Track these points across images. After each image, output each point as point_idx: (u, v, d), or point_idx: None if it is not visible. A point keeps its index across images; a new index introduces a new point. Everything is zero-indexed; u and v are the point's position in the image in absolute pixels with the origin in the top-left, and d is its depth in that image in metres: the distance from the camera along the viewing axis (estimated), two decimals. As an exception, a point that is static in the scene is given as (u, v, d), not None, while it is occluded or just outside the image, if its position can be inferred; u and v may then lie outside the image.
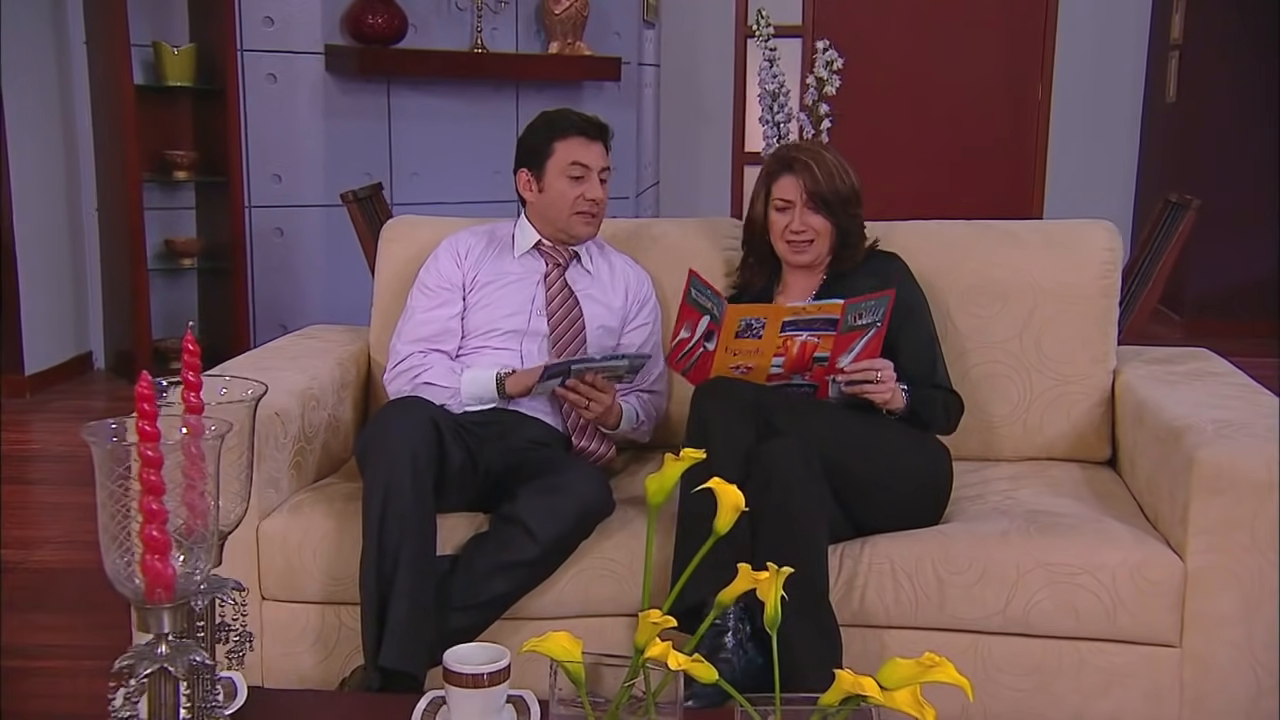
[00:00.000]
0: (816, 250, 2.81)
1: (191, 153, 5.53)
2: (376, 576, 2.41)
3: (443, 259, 2.92)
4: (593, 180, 2.84)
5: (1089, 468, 2.95)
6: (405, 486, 2.41)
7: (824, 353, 2.57)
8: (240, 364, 2.94)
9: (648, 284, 3.01)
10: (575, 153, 2.83)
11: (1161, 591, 2.41)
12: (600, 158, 2.86)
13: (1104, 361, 2.98)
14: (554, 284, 2.88)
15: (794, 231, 2.79)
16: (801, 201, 2.78)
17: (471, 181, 6.12)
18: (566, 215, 2.85)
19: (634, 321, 2.97)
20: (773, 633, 1.50)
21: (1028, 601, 2.44)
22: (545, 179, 2.85)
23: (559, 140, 2.84)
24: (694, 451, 1.57)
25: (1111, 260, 3.01)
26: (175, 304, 5.73)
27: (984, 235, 3.07)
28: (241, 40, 5.55)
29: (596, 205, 2.86)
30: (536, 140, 2.87)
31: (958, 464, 2.90)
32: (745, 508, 2.36)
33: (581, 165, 2.83)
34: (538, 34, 6.25)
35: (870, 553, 2.50)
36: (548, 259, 2.91)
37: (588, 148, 2.84)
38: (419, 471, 2.43)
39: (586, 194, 2.84)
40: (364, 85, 5.85)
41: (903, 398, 2.64)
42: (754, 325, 2.55)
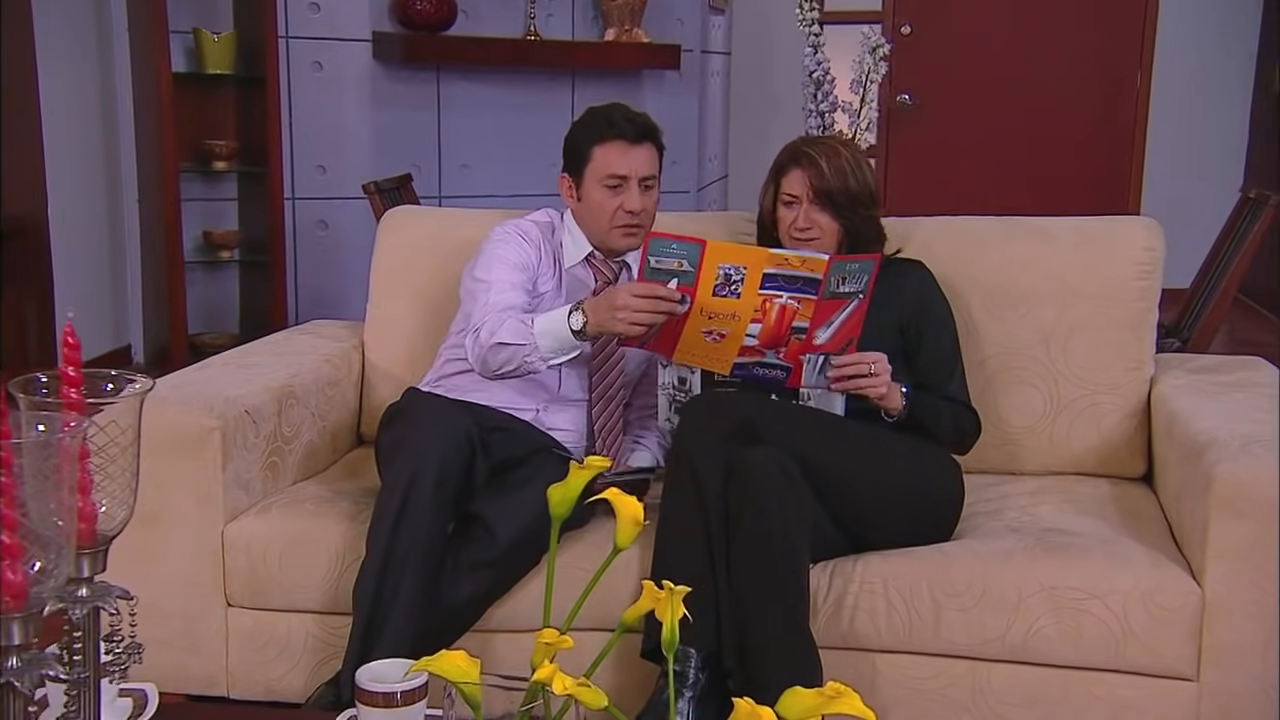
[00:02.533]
0: (820, 249, 2.74)
1: (232, 142, 5.58)
2: (376, 587, 2.36)
3: (515, 242, 2.76)
4: (631, 190, 2.70)
5: (1120, 484, 2.85)
6: (427, 498, 2.35)
7: (803, 321, 2.46)
8: (224, 359, 2.95)
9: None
10: (613, 161, 2.69)
11: (1176, 620, 2.31)
12: (644, 164, 2.72)
13: (1139, 369, 2.87)
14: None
15: (798, 228, 2.72)
16: (808, 198, 2.72)
17: (524, 175, 6.10)
18: (606, 228, 2.73)
19: None
20: (668, 655, 1.45)
21: (1029, 627, 2.35)
22: (584, 187, 2.73)
23: (597, 145, 2.71)
24: (598, 459, 1.52)
25: (1150, 260, 2.90)
26: (215, 298, 5.79)
27: (1011, 231, 2.98)
28: (286, 27, 5.59)
29: (635, 217, 2.71)
30: (577, 143, 2.75)
31: (978, 477, 2.84)
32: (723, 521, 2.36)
33: (618, 176, 2.70)
34: (594, 20, 6.22)
35: (863, 571, 2.43)
36: (597, 274, 2.79)
37: (627, 154, 2.70)
38: (443, 483, 2.38)
39: (625, 205, 2.70)
40: (412, 73, 5.86)
41: (900, 396, 2.56)
42: (733, 277, 2.43)
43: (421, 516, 2.36)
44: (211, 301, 5.78)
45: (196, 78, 5.48)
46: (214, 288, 5.81)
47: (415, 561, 2.35)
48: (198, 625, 2.56)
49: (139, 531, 2.51)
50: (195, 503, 2.53)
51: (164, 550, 2.54)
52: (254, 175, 5.59)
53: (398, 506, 2.37)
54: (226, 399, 2.58)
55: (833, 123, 4.24)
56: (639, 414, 2.87)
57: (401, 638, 2.32)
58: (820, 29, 4.34)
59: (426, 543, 2.37)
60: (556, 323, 2.50)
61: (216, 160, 5.53)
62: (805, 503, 2.37)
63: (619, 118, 2.72)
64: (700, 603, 2.32)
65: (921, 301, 2.74)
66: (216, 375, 2.78)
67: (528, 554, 2.46)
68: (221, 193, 5.77)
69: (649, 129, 2.74)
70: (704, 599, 2.32)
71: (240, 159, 5.64)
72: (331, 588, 2.53)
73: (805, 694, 1.36)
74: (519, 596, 2.52)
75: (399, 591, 2.35)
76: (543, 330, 2.51)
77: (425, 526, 2.37)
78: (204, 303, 5.73)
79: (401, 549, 2.36)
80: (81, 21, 5.47)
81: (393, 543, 2.36)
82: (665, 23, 6.34)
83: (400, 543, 2.36)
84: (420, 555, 2.36)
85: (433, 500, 2.37)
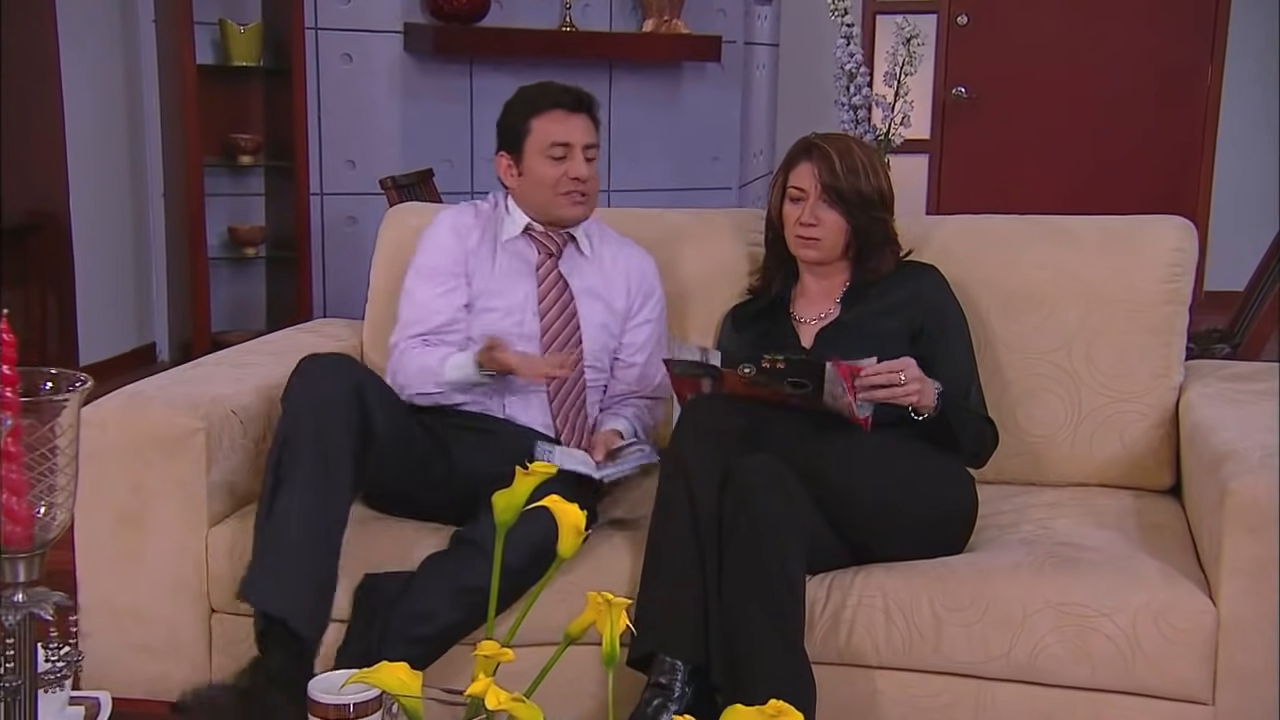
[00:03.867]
0: (825, 249, 2.72)
1: (258, 136, 5.63)
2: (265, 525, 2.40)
3: (443, 238, 2.83)
4: (577, 158, 2.76)
5: (1146, 496, 2.80)
6: (308, 441, 2.37)
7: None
8: (218, 358, 2.98)
9: (652, 272, 2.92)
10: (555, 130, 2.75)
11: (1189, 640, 2.27)
12: (585, 132, 2.78)
13: (1166, 376, 2.82)
14: (546, 277, 2.81)
15: (803, 223, 2.70)
16: (816, 193, 2.70)
17: (560, 169, 6.12)
18: (551, 198, 2.77)
19: (637, 318, 2.89)
20: (609, 670, 1.44)
21: (1034, 645, 2.32)
22: (525, 161, 2.78)
23: (535, 117, 2.77)
24: (545, 465, 1.51)
25: (1180, 262, 2.85)
26: (242, 294, 5.85)
27: (1033, 231, 2.94)
28: (316, 18, 5.64)
29: (583, 184, 2.77)
30: (512, 119, 2.81)
31: (997, 488, 2.81)
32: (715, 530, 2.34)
33: (562, 145, 2.75)
34: (633, 11, 6.22)
35: (862, 584, 2.41)
36: (539, 246, 2.83)
37: (568, 122, 2.76)
38: (325, 424, 2.39)
39: (570, 172, 2.75)
40: (444, 66, 5.89)
41: (934, 394, 2.51)
42: (760, 381, 2.48)
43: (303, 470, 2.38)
44: (238, 298, 5.84)
45: (222, 70, 5.55)
46: (241, 284, 5.86)
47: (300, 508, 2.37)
48: (180, 631, 2.58)
49: (120, 534, 2.56)
50: (178, 505, 2.54)
51: (146, 554, 2.56)
52: (281, 170, 5.65)
53: (274, 466, 2.40)
54: (213, 399, 2.60)
55: (866, 116, 4.20)
56: (616, 401, 2.88)
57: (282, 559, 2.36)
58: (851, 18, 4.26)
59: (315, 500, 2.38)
60: (462, 366, 2.67)
61: (242, 154, 5.59)
62: (801, 512, 2.34)
63: (555, 89, 2.80)
64: (690, 614, 2.32)
65: (934, 308, 2.72)
66: (207, 374, 2.80)
67: (521, 585, 2.42)
68: (248, 188, 5.82)
69: (587, 99, 2.81)
70: (694, 610, 2.31)
71: (267, 153, 5.70)
72: (317, 594, 2.53)
73: (746, 712, 1.34)
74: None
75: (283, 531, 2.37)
76: (451, 381, 2.69)
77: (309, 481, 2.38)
78: (230, 300, 5.79)
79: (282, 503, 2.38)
80: (106, 12, 5.54)
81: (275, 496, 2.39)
82: (707, 13, 6.33)
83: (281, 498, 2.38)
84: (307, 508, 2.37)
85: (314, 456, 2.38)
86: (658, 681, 2.30)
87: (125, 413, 2.57)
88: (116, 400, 2.61)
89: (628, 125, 6.25)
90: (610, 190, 6.29)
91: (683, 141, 6.37)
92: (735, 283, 2.99)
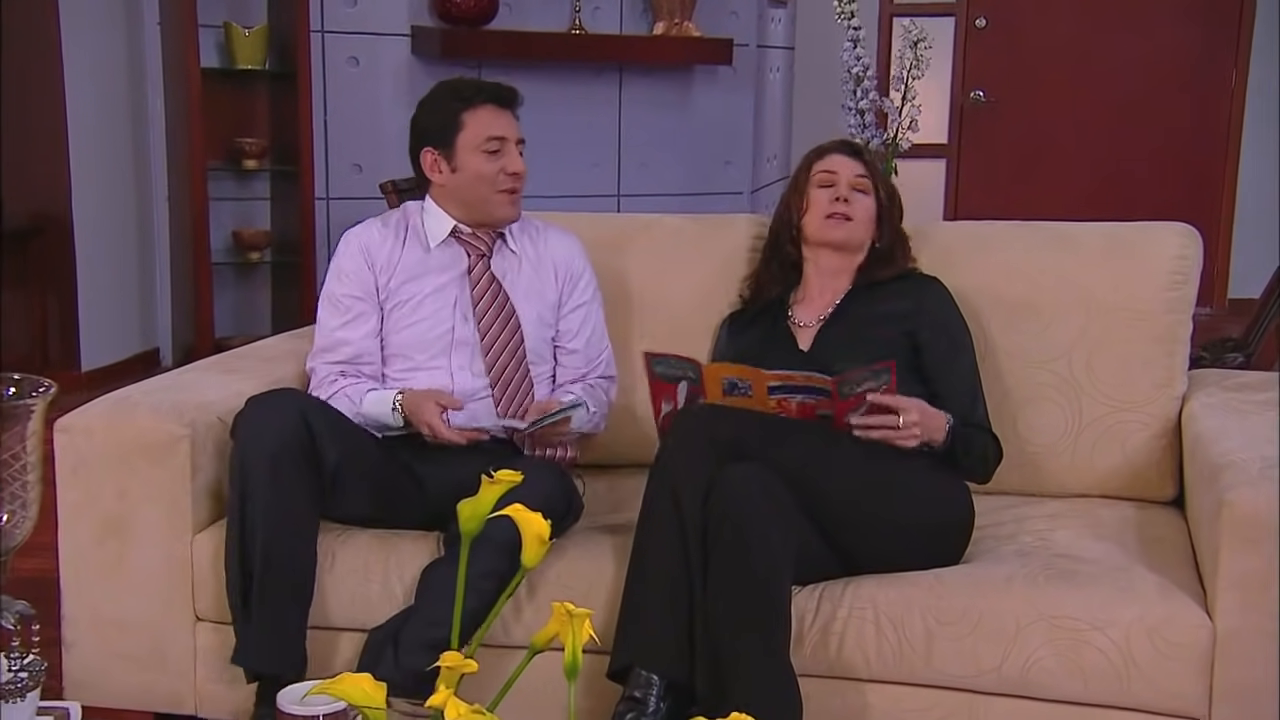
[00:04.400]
0: (854, 231, 2.76)
1: (263, 140, 5.65)
2: (242, 587, 2.45)
3: (347, 262, 2.80)
4: (512, 152, 2.75)
5: (1148, 508, 2.79)
6: (264, 491, 2.41)
7: (826, 410, 2.47)
8: (207, 364, 2.99)
9: (578, 255, 2.89)
10: (489, 124, 2.74)
11: (1184, 655, 2.26)
12: (515, 128, 2.78)
13: (1168, 386, 2.81)
14: (479, 280, 2.77)
15: (837, 200, 2.75)
16: (849, 178, 2.78)
17: (568, 174, 6.11)
18: (489, 195, 2.75)
19: (569, 303, 2.87)
20: (570, 682, 1.44)
21: (1027, 659, 2.31)
22: (457, 157, 2.75)
23: (467, 111, 2.74)
24: (510, 473, 1.51)
25: (1183, 270, 2.84)
26: (247, 300, 5.87)
27: (1032, 238, 2.94)
28: (322, 22, 5.66)
29: (519, 180, 2.77)
30: (440, 114, 2.77)
31: (995, 498, 2.80)
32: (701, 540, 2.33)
33: (498, 139, 2.73)
34: (644, 14, 6.22)
35: (853, 595, 2.40)
36: (468, 248, 2.80)
37: (500, 117, 2.75)
38: (279, 472, 2.42)
39: (508, 167, 2.74)
40: (452, 69, 5.84)
41: (944, 429, 2.52)
42: (739, 385, 2.47)
43: (266, 508, 2.42)
44: (243, 303, 5.86)
45: (227, 73, 5.57)
46: (245, 289, 5.88)
47: (274, 551, 2.42)
48: (165, 641, 2.59)
49: (105, 542, 2.57)
50: (163, 512, 2.55)
51: (130, 562, 2.57)
52: (286, 174, 5.67)
53: (239, 505, 2.44)
54: (199, 405, 2.61)
55: (873, 121, 4.20)
56: (566, 384, 2.87)
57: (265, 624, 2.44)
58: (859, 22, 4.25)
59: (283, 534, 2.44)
60: (381, 406, 2.67)
61: (247, 158, 5.61)
62: (788, 521, 2.33)
63: (483, 84, 2.80)
64: (670, 626, 2.31)
65: (939, 322, 2.72)
66: (195, 381, 2.81)
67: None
68: (253, 192, 5.85)
69: (515, 95, 2.81)
70: (675, 622, 2.30)
71: (272, 157, 5.71)
72: (304, 603, 2.54)
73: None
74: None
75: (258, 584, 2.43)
76: (369, 415, 2.68)
77: (273, 519, 2.42)
78: (235, 304, 5.81)
79: (251, 546, 2.43)
80: (110, 14, 5.57)
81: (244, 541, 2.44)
82: (719, 16, 6.32)
83: (250, 540, 2.43)
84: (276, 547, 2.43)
85: (274, 496, 2.42)
86: (632, 695, 2.30)
87: (110, 419, 2.58)
88: (102, 406, 2.63)
89: (638, 129, 6.26)
90: (620, 195, 6.30)
91: (694, 146, 6.37)
92: (732, 291, 3.00)
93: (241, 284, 5.87)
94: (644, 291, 3.06)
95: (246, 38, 5.51)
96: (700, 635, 2.30)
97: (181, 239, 5.61)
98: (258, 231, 5.72)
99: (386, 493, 2.61)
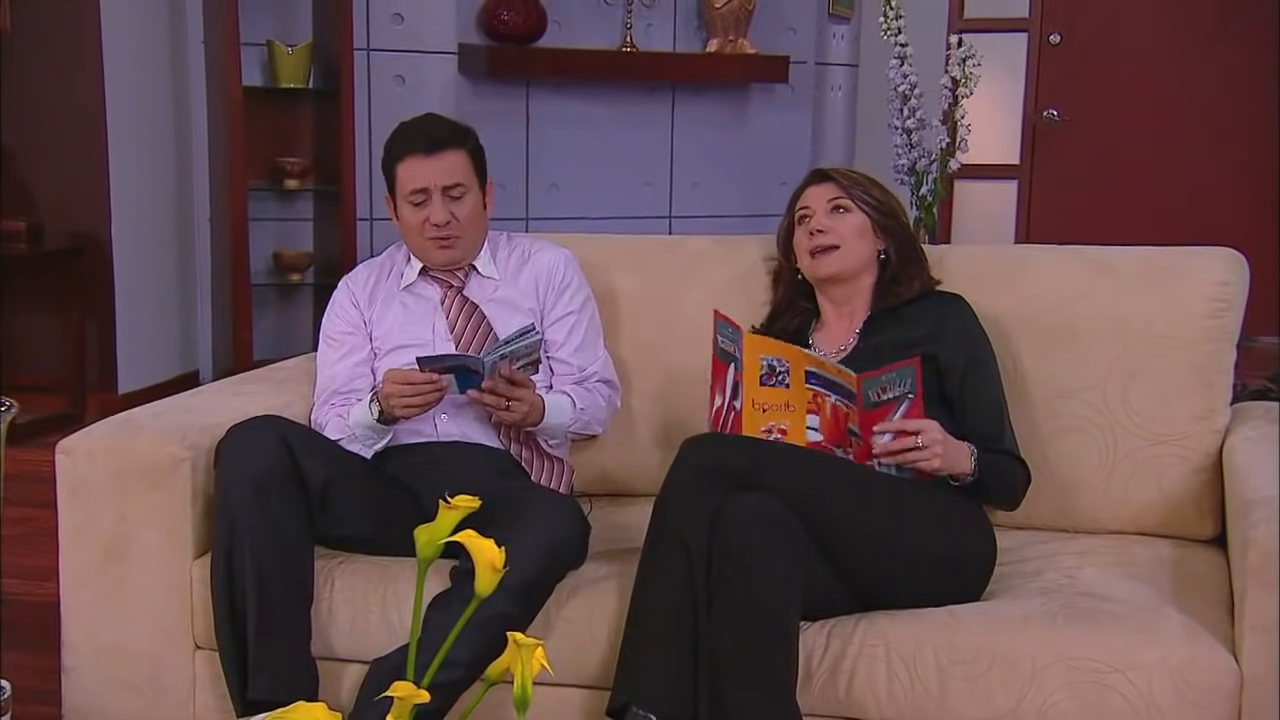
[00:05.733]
0: (845, 258, 2.73)
1: (305, 160, 5.73)
2: (230, 619, 2.49)
3: (339, 303, 2.96)
4: (434, 202, 2.79)
5: (1187, 546, 2.75)
6: (250, 517, 2.46)
7: (854, 425, 2.47)
8: (219, 386, 3.03)
9: (564, 265, 2.94)
10: (411, 177, 2.81)
11: (1209, 701, 2.22)
12: (443, 173, 2.80)
13: (1209, 418, 2.77)
14: (452, 305, 2.87)
15: (812, 233, 2.75)
16: (823, 208, 2.77)
17: (618, 195, 6.16)
18: (420, 243, 2.85)
19: (554, 312, 2.92)
20: (520, 714, 1.45)
21: (1043, 702, 2.28)
22: (398, 207, 2.87)
23: (398, 163, 2.84)
24: (468, 499, 1.52)
25: (1227, 296, 2.80)
26: (288, 320, 5.94)
27: (1067, 262, 2.91)
28: (368, 39, 5.73)
29: (444, 229, 2.81)
30: (385, 164, 2.89)
31: (1026, 533, 2.79)
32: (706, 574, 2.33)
33: (419, 190, 2.80)
34: (697, 31, 6.25)
35: (864, 632, 2.38)
36: (442, 285, 2.90)
37: (425, 166, 2.79)
38: (265, 497, 2.48)
39: (431, 218, 2.80)
40: (499, 88, 5.95)
41: (970, 460, 2.51)
42: (777, 369, 2.49)
43: (253, 537, 2.46)
44: (284, 325, 5.93)
45: (269, 92, 5.66)
46: (287, 310, 5.96)
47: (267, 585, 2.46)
48: (163, 668, 2.62)
49: (106, 567, 2.61)
50: (162, 537, 2.59)
51: (130, 587, 2.61)
52: (328, 194, 5.74)
53: (226, 538, 2.48)
54: (202, 428, 2.64)
55: (920, 140, 4.18)
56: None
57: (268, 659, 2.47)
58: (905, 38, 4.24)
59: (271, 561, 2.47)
60: (361, 413, 2.74)
61: (288, 178, 5.69)
62: (796, 553, 2.31)
63: (414, 131, 2.83)
64: (670, 664, 2.30)
65: (961, 343, 2.69)
66: (204, 403, 2.85)
67: (536, 601, 2.47)
68: (296, 212, 5.93)
69: (447, 136, 2.83)
70: (676, 660, 2.29)
71: (315, 177, 5.79)
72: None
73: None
74: (553, 649, 2.50)
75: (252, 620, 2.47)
76: (355, 422, 2.75)
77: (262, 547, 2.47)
78: (276, 326, 5.89)
79: (239, 576, 2.47)
80: (154, 31, 5.68)
81: (231, 569, 2.48)
82: (776, 33, 6.34)
83: (238, 568, 2.47)
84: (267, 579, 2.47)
85: (260, 522, 2.47)
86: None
87: (111, 441, 2.63)
88: (104, 428, 2.68)
89: (691, 149, 6.29)
90: (673, 217, 6.32)
91: (749, 166, 6.38)
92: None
93: (283, 305, 5.95)
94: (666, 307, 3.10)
95: (289, 56, 5.59)
96: (704, 674, 2.29)
97: (222, 260, 5.70)
98: (299, 252, 5.80)
99: (382, 509, 2.64)
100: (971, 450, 2.52)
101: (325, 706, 1.50)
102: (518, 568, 2.40)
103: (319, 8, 5.75)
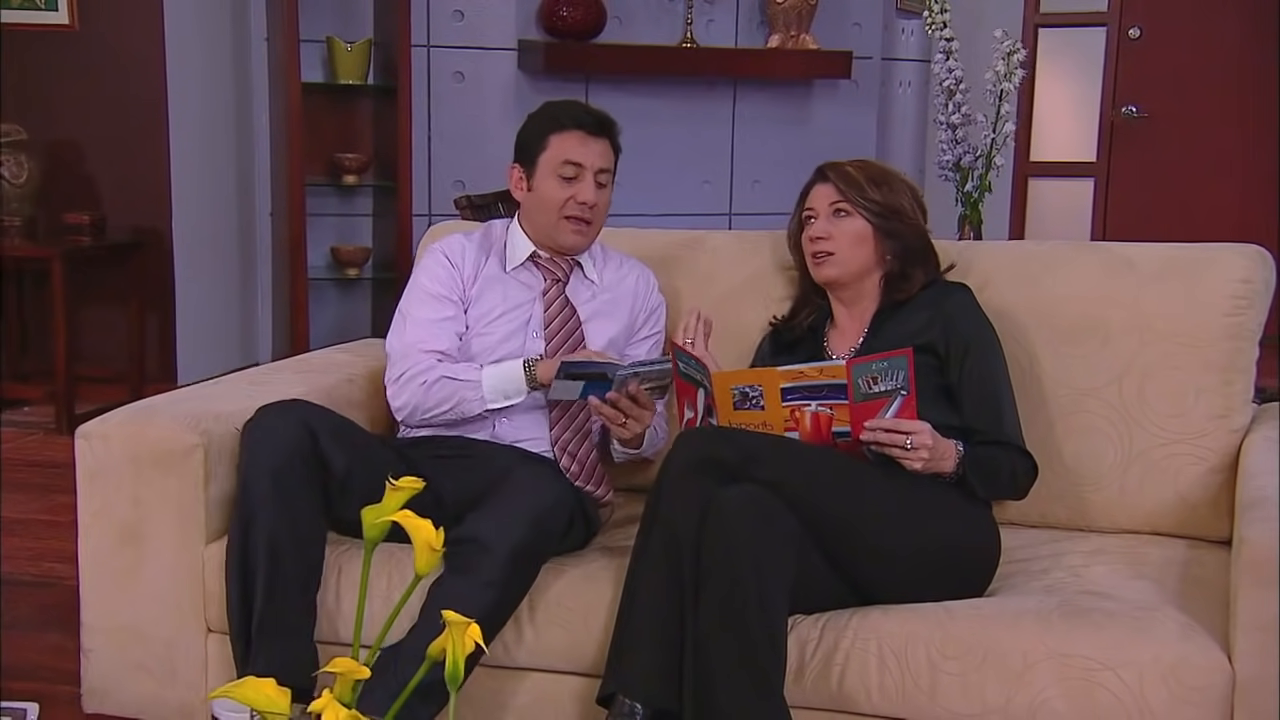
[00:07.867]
0: (841, 264, 2.75)
1: (363, 156, 5.84)
2: (242, 602, 2.54)
3: (440, 265, 2.93)
4: (586, 181, 2.84)
5: (1200, 547, 2.74)
6: (267, 500, 2.51)
7: (842, 426, 2.48)
8: (239, 375, 3.12)
9: (654, 287, 3.02)
10: (570, 149, 2.84)
11: (1201, 700, 2.23)
12: (601, 156, 2.86)
13: (1227, 418, 2.76)
14: (553, 302, 2.90)
15: (813, 239, 2.77)
16: (826, 211, 2.78)
17: (678, 192, 6.19)
18: (554, 220, 2.86)
19: (641, 333, 2.98)
20: (453, 691, 1.50)
21: (1034, 698, 2.30)
22: (536, 177, 2.88)
23: (555, 134, 2.86)
24: (413, 480, 1.58)
25: (1248, 294, 2.79)
26: (346, 315, 6.06)
27: (1085, 258, 2.92)
28: (428, 36, 5.83)
29: (588, 210, 2.85)
30: (533, 131, 2.90)
31: (1038, 531, 2.81)
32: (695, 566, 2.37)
33: (575, 164, 2.83)
34: (759, 26, 6.27)
35: (856, 626, 2.41)
36: (545, 273, 2.93)
37: (585, 144, 2.85)
38: (282, 482, 2.53)
39: (578, 196, 2.83)
40: (559, 84, 6.01)
41: (953, 461, 2.53)
42: (750, 394, 2.51)
43: (270, 524, 2.51)
44: (343, 319, 6.04)
45: (328, 88, 5.77)
46: (346, 305, 6.07)
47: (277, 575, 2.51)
48: (176, 651, 2.71)
49: (121, 551, 2.71)
50: (176, 522, 2.67)
51: (144, 570, 2.70)
52: (387, 190, 5.84)
53: (243, 524, 2.54)
54: (216, 415, 2.72)
55: (965, 136, 4.18)
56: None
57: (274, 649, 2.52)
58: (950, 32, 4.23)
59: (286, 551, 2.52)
60: (508, 378, 2.76)
61: (347, 174, 5.80)
62: (787, 548, 2.34)
63: (579, 109, 2.90)
64: (658, 655, 2.34)
65: (959, 328, 2.70)
66: (222, 392, 2.94)
67: (528, 567, 2.51)
68: (355, 208, 6.04)
69: (609, 124, 2.89)
70: (664, 651, 2.33)
71: (375, 173, 5.90)
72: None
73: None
74: (549, 636, 2.57)
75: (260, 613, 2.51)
76: (493, 372, 2.77)
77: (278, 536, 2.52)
78: (335, 321, 6.00)
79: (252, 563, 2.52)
80: (217, 28, 5.83)
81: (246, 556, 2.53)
82: (841, 28, 6.34)
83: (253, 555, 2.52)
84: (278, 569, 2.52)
85: (276, 506, 2.52)
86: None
87: (127, 426, 2.72)
88: (122, 414, 2.77)
89: (752, 146, 6.31)
90: (733, 214, 6.35)
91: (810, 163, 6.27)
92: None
93: (343, 300, 6.06)
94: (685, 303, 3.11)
95: (349, 52, 5.70)
96: (690, 665, 2.32)
97: (282, 254, 5.82)
98: (356, 248, 5.91)
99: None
100: (958, 451, 2.54)
101: (274, 682, 1.57)
102: (504, 536, 2.48)
103: (379, 4, 5.86)
